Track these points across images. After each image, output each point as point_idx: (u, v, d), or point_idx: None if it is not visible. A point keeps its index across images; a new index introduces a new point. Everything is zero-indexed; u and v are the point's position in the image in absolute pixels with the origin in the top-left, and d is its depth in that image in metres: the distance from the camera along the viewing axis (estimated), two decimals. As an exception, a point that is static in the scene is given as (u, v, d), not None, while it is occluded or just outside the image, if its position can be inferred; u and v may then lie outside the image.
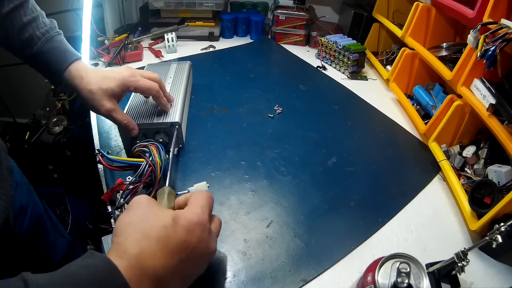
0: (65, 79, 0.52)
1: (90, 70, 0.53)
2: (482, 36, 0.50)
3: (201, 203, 0.35)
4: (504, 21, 0.49)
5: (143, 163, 0.46)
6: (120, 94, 0.54)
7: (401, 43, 0.88)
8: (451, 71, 0.62)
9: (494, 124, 0.51)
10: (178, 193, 0.46)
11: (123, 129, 0.55)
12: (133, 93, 0.66)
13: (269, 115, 0.75)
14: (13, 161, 0.58)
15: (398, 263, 0.34)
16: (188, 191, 0.52)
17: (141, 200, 0.34)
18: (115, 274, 0.26)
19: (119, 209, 0.46)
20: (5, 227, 0.46)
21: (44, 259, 0.64)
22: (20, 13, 0.50)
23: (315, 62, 1.02)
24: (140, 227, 0.31)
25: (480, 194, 0.49)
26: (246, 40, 1.18)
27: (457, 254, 0.37)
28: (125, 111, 0.60)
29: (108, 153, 0.61)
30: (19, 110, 1.47)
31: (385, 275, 0.34)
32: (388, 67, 0.92)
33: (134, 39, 1.01)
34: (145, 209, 0.33)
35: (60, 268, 0.26)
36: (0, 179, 0.48)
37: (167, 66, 0.77)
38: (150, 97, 0.60)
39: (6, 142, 1.04)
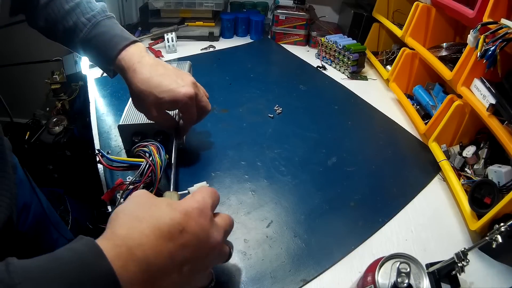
0: (117, 69, 0.48)
1: (146, 63, 0.46)
2: (482, 36, 0.50)
3: (203, 194, 0.33)
4: (504, 21, 0.49)
5: (143, 163, 0.46)
6: (172, 108, 0.49)
7: (401, 43, 0.88)
8: (451, 71, 0.62)
9: (494, 124, 0.51)
10: (179, 192, 0.46)
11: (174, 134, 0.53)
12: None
13: (269, 115, 0.75)
14: (17, 158, 0.58)
15: (398, 263, 0.34)
16: (188, 192, 0.52)
17: (139, 193, 0.32)
18: (100, 257, 0.24)
19: (119, 209, 0.45)
20: (9, 224, 0.46)
21: None
22: (60, 1, 0.48)
23: (315, 62, 1.02)
24: (133, 211, 0.29)
25: (480, 194, 0.49)
26: (246, 40, 1.18)
27: (457, 254, 0.37)
28: (125, 111, 0.60)
29: (108, 153, 0.61)
30: (19, 110, 1.48)
31: (385, 275, 0.34)
32: (388, 67, 0.92)
33: (134, 39, 1.01)
34: (140, 198, 0.31)
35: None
36: (5, 176, 0.47)
37: (167, 66, 0.77)
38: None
39: (6, 142, 1.04)
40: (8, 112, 0.51)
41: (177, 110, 0.56)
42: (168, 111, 0.51)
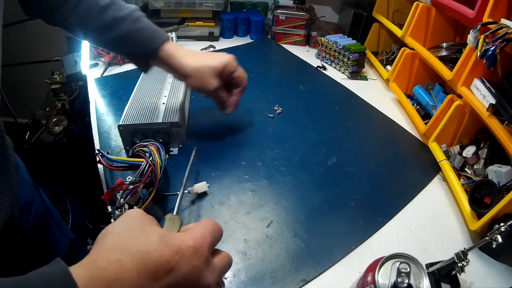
0: (159, 58, 0.53)
1: (187, 49, 0.54)
2: (482, 36, 0.50)
3: (204, 230, 0.30)
4: (504, 21, 0.49)
5: (143, 163, 0.46)
6: (225, 76, 0.57)
7: (401, 43, 0.88)
8: (451, 71, 0.62)
9: (494, 124, 0.51)
10: (178, 192, 0.46)
11: (220, 106, 0.60)
12: (134, 92, 0.67)
13: (269, 115, 0.75)
14: (19, 157, 0.58)
15: (398, 263, 0.34)
16: (188, 191, 0.52)
17: (132, 213, 0.30)
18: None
19: (119, 209, 0.45)
20: (10, 223, 0.46)
21: (48, 257, 0.63)
22: None
23: (315, 62, 1.02)
24: (120, 237, 0.27)
25: (480, 194, 0.49)
26: (246, 40, 1.18)
27: (457, 254, 0.37)
28: (125, 111, 0.60)
29: (108, 153, 0.61)
30: (19, 110, 1.48)
31: (385, 275, 0.34)
32: (388, 67, 0.92)
33: (134, 39, 1.01)
34: (133, 221, 0.29)
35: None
36: (7, 175, 0.48)
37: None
38: (152, 98, 0.60)
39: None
40: (12, 113, 0.52)
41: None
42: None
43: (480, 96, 0.55)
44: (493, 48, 0.48)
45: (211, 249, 0.30)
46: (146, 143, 0.50)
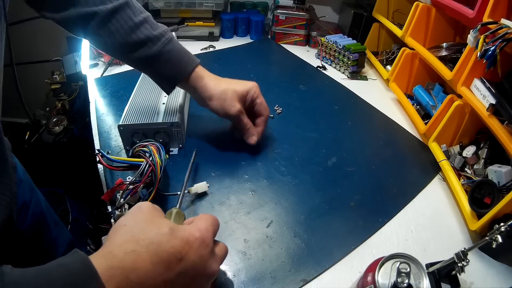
0: (190, 80, 0.54)
1: (214, 75, 0.57)
2: (482, 36, 0.50)
3: (206, 223, 0.33)
4: (504, 21, 0.49)
5: (143, 163, 0.46)
6: (246, 102, 0.58)
7: (401, 43, 0.88)
8: (451, 71, 0.62)
9: (494, 124, 0.51)
10: (179, 192, 0.46)
11: (244, 133, 0.59)
12: (134, 92, 0.67)
13: (269, 115, 0.75)
14: (16, 158, 0.58)
15: (398, 263, 0.34)
16: (188, 191, 0.52)
17: (142, 206, 0.32)
18: (92, 278, 0.24)
19: (119, 209, 0.45)
20: (9, 223, 0.47)
21: (46, 256, 0.64)
22: (127, 13, 0.48)
23: (315, 62, 1.02)
24: (133, 230, 0.29)
25: (480, 194, 0.49)
26: (246, 40, 1.18)
27: (457, 254, 0.37)
28: (125, 111, 0.60)
29: (108, 153, 0.61)
30: (19, 110, 1.48)
31: (385, 275, 0.34)
32: (388, 67, 0.92)
33: (134, 39, 1.01)
34: (144, 214, 0.31)
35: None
36: (5, 176, 0.48)
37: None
38: (152, 98, 0.60)
39: (6, 142, 1.05)
40: (27, 112, 0.52)
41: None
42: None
43: (480, 96, 0.55)
44: (493, 48, 0.48)
45: (213, 240, 0.33)
46: (146, 143, 0.50)
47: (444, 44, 0.74)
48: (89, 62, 0.93)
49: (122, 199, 0.45)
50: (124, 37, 0.48)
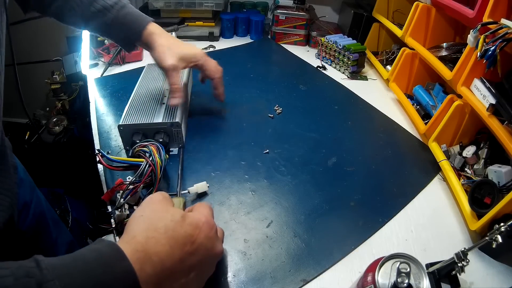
0: (142, 38, 0.59)
1: (168, 34, 0.61)
2: (482, 36, 0.50)
3: (207, 210, 0.38)
4: (504, 21, 0.49)
5: (143, 163, 0.46)
6: (187, 64, 0.62)
7: (401, 43, 0.88)
8: (451, 71, 0.62)
9: (494, 124, 0.51)
10: (181, 192, 0.46)
11: (170, 91, 0.61)
12: (134, 92, 0.67)
13: (269, 115, 0.75)
14: (17, 158, 0.58)
15: (398, 263, 0.34)
16: (188, 191, 0.52)
17: (154, 197, 0.36)
18: (122, 259, 0.28)
19: (119, 209, 0.45)
20: (10, 224, 0.47)
21: (46, 256, 0.64)
22: None
23: (315, 62, 1.02)
24: (150, 218, 0.33)
25: (480, 194, 0.49)
26: (246, 40, 1.18)
27: (457, 254, 0.37)
28: (125, 111, 0.60)
29: (108, 153, 0.61)
30: (19, 110, 1.48)
31: (385, 275, 0.34)
32: (388, 67, 0.92)
33: (134, 39, 1.01)
34: (157, 204, 0.35)
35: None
36: (6, 176, 0.48)
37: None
38: (152, 98, 0.60)
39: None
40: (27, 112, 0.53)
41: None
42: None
43: (480, 96, 0.55)
44: (493, 48, 0.48)
45: None
46: (146, 143, 0.50)
47: (444, 44, 0.74)
48: (89, 62, 0.93)
49: (122, 199, 0.45)
50: (85, 11, 0.56)
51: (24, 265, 0.25)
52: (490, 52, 0.49)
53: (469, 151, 0.59)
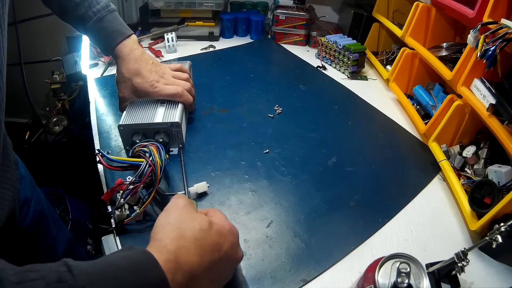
0: (113, 57, 0.61)
1: (132, 58, 0.59)
2: (482, 36, 0.50)
3: (223, 215, 0.40)
4: (504, 21, 0.49)
5: (143, 163, 0.46)
6: (138, 97, 0.62)
7: (401, 43, 0.88)
8: (451, 71, 0.62)
9: (494, 124, 0.51)
10: (179, 193, 0.46)
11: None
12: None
13: (269, 115, 0.75)
14: (17, 155, 0.58)
15: (398, 263, 0.34)
16: (188, 191, 0.52)
17: (178, 203, 0.37)
18: (155, 267, 0.28)
19: (119, 209, 0.45)
20: (11, 219, 0.47)
21: (46, 254, 0.64)
22: None
23: (315, 62, 1.02)
24: (179, 227, 0.33)
25: (480, 194, 0.49)
26: (246, 40, 1.18)
27: (457, 254, 0.37)
28: (125, 111, 0.60)
29: (108, 153, 0.61)
30: (19, 110, 1.48)
31: (385, 275, 0.34)
32: (388, 67, 0.92)
33: (134, 39, 1.01)
34: (182, 211, 0.36)
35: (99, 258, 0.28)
36: (8, 171, 0.48)
37: (167, 66, 0.77)
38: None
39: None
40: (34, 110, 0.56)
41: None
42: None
43: (480, 96, 0.55)
44: (493, 48, 0.48)
45: None
46: (146, 143, 0.50)
47: (444, 44, 0.74)
48: (89, 62, 0.93)
49: (122, 199, 0.45)
50: (70, 14, 0.57)
51: (55, 269, 0.24)
52: (490, 52, 0.49)
53: (469, 151, 0.59)
